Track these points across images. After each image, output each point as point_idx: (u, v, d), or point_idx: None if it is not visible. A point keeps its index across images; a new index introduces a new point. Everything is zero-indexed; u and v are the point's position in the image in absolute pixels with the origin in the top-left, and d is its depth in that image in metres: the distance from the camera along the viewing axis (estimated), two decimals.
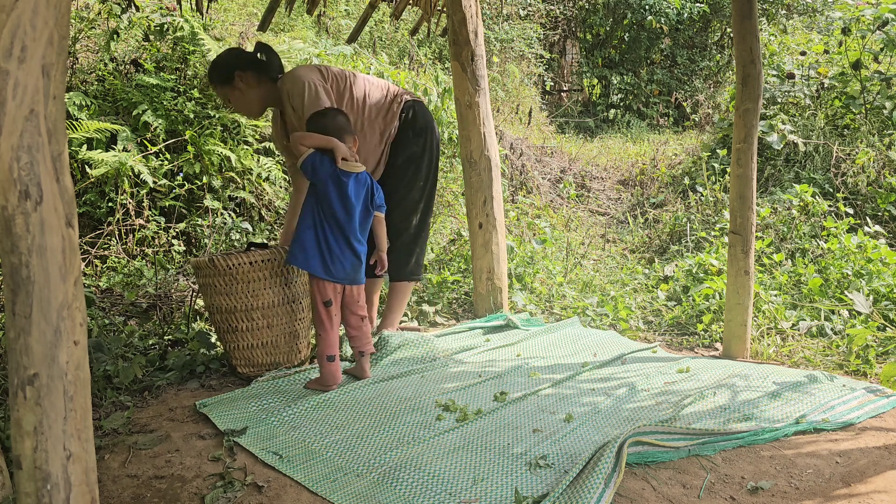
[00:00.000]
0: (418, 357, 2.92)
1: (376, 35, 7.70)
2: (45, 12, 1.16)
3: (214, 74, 2.88)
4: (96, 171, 3.95)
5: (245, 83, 2.85)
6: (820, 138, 5.20)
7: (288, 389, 2.55)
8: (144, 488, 1.87)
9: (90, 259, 3.90)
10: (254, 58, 2.88)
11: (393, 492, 1.83)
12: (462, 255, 4.26)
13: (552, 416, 2.32)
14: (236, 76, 2.84)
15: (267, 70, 2.89)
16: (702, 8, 10.15)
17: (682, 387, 2.62)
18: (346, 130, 2.59)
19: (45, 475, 1.18)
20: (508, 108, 8.11)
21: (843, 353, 3.04)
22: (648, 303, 3.87)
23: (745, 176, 2.94)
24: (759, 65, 2.90)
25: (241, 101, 2.90)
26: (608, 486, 1.78)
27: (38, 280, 1.17)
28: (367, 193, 2.60)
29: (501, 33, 8.75)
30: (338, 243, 2.52)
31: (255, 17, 6.40)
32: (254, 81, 2.86)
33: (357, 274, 2.59)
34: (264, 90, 2.89)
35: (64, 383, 1.20)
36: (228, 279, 2.61)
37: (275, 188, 4.64)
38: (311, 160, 2.50)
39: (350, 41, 5.33)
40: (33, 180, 1.16)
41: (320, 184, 2.51)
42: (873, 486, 1.90)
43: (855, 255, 3.76)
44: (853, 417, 2.32)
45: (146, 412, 2.39)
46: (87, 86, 4.52)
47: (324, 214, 2.52)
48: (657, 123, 10.12)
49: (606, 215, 6.08)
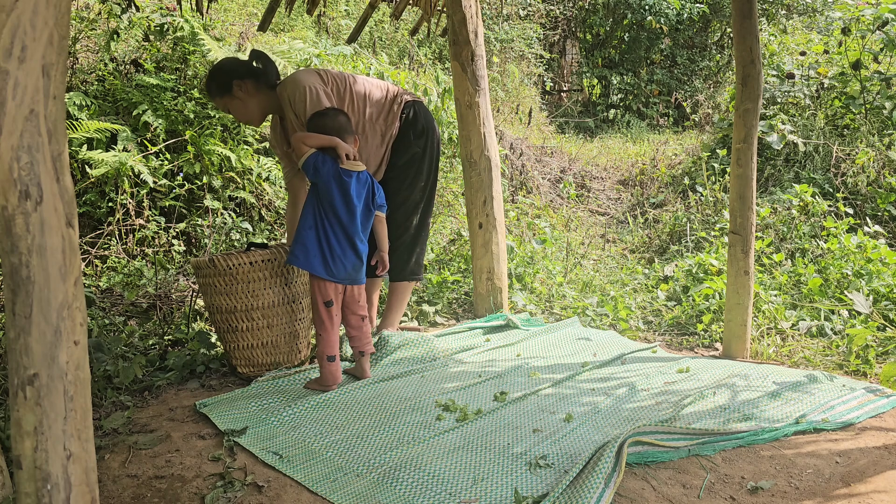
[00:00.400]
0: (418, 357, 2.92)
1: (376, 35, 7.70)
2: (45, 12, 1.16)
3: (213, 86, 2.85)
4: (96, 171, 3.95)
5: (244, 92, 2.82)
6: (820, 138, 5.20)
7: (288, 389, 2.55)
8: (144, 488, 1.87)
9: (90, 259, 3.90)
10: (251, 66, 2.86)
11: (393, 492, 1.83)
12: (462, 255, 4.26)
13: (552, 416, 2.32)
14: (235, 85, 2.81)
15: (265, 77, 2.87)
16: (702, 8, 10.15)
17: (682, 387, 2.62)
18: (346, 130, 2.59)
19: (45, 475, 1.18)
20: (508, 108, 8.11)
21: (843, 353, 3.04)
22: (648, 303, 3.87)
23: (745, 176, 2.94)
24: (759, 65, 2.90)
25: (241, 111, 2.87)
26: (608, 486, 1.78)
27: (38, 280, 1.17)
28: (368, 193, 2.60)
29: (501, 33, 8.75)
30: (339, 243, 2.52)
31: (255, 17, 6.40)
32: (253, 89, 2.83)
33: (358, 274, 2.60)
34: (264, 97, 2.87)
35: (64, 383, 1.20)
36: (228, 279, 2.61)
37: (275, 188, 4.64)
38: (313, 160, 2.50)
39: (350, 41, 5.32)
40: (33, 180, 1.16)
41: (322, 183, 2.51)
42: (873, 485, 1.90)
43: (855, 255, 3.76)
44: (853, 417, 2.32)
45: (146, 412, 2.39)
46: (87, 86, 4.52)
47: (325, 214, 2.52)
48: (657, 123, 10.12)
49: (606, 215, 6.09)
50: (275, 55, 4.92)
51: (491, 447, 2.08)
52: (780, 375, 2.70)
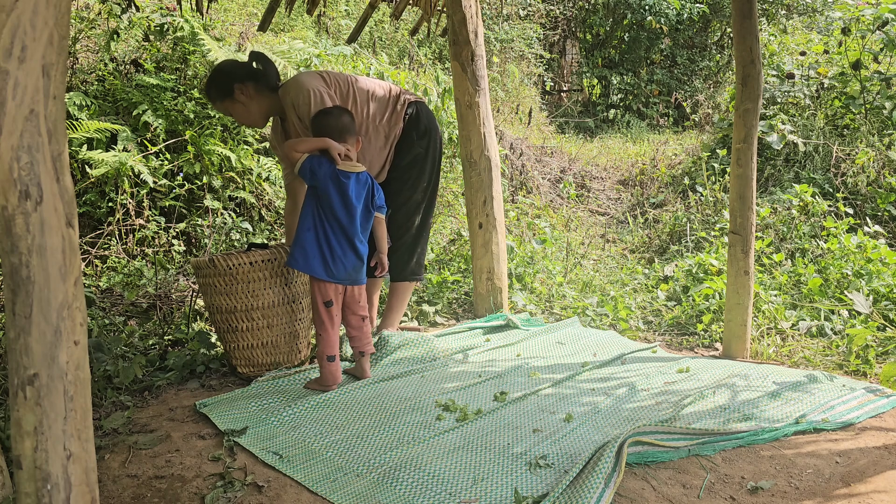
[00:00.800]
0: (418, 357, 2.92)
1: (376, 35, 7.70)
2: (45, 12, 1.16)
3: (213, 91, 2.82)
4: (96, 171, 3.95)
5: (246, 95, 2.80)
6: (820, 138, 5.20)
7: (288, 389, 2.55)
8: (144, 488, 1.87)
9: (90, 259, 3.90)
10: (250, 67, 2.84)
11: (393, 492, 1.83)
12: (462, 255, 4.26)
13: (552, 416, 2.32)
14: (236, 89, 2.78)
15: (265, 79, 2.84)
16: (702, 8, 10.15)
17: (682, 387, 2.62)
18: (348, 131, 2.59)
19: (45, 475, 1.18)
20: (508, 108, 8.11)
21: (843, 353, 3.04)
22: (648, 303, 3.87)
23: (745, 176, 2.94)
24: (759, 65, 2.90)
25: (243, 114, 2.85)
26: (608, 486, 1.78)
27: (38, 280, 1.17)
28: (367, 194, 2.59)
29: (501, 33, 8.74)
30: (340, 244, 2.52)
31: (255, 17, 6.40)
32: (254, 92, 2.81)
33: (358, 274, 2.59)
34: (265, 100, 2.84)
35: (64, 383, 1.20)
36: (228, 279, 2.61)
37: (275, 188, 4.64)
38: (308, 164, 2.50)
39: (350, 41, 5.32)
40: (33, 180, 1.16)
41: (320, 186, 2.50)
42: (873, 485, 1.90)
43: (855, 255, 3.76)
44: (853, 417, 2.32)
45: (146, 412, 2.39)
46: (87, 86, 4.52)
47: (324, 215, 2.52)
48: (657, 123, 10.12)
49: (606, 215, 6.09)
50: (275, 55, 4.92)
51: (491, 447, 2.08)
52: (780, 375, 2.70)
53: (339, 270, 2.52)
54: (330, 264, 2.50)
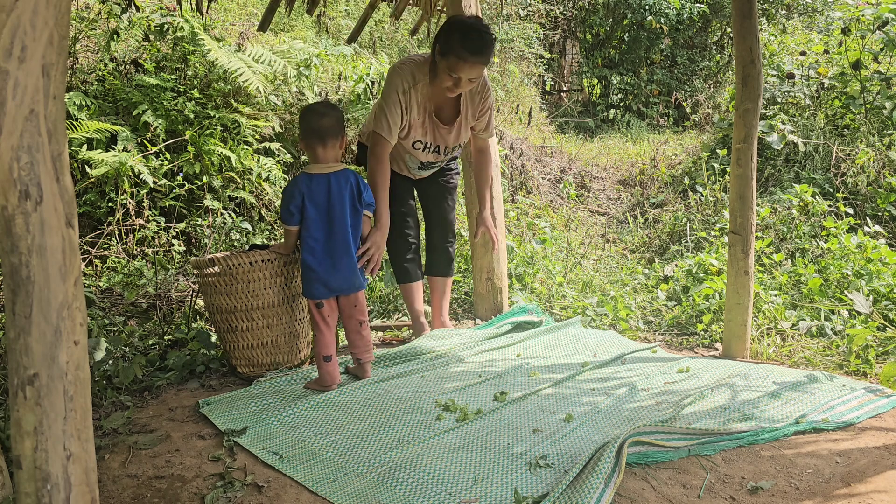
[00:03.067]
0: (418, 357, 2.92)
1: (376, 35, 7.69)
2: (45, 12, 1.16)
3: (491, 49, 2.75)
4: (96, 171, 3.95)
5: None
6: (820, 138, 5.20)
7: (288, 389, 2.55)
8: (144, 488, 1.87)
9: (90, 259, 3.90)
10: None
11: (393, 492, 1.83)
12: (462, 255, 4.26)
13: (552, 416, 2.32)
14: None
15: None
16: (702, 8, 10.15)
17: (682, 387, 2.62)
18: (330, 133, 2.52)
19: (45, 475, 1.18)
20: (508, 108, 8.11)
21: (843, 353, 3.03)
22: (648, 303, 3.87)
23: (745, 176, 2.94)
24: (759, 65, 2.89)
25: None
26: (608, 486, 1.78)
27: (38, 280, 1.17)
28: (351, 192, 2.53)
29: (501, 33, 8.74)
30: (331, 256, 2.50)
31: (255, 17, 6.40)
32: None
33: (355, 279, 2.57)
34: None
35: (64, 383, 1.20)
36: (228, 279, 2.61)
37: (275, 188, 4.63)
38: (286, 213, 2.51)
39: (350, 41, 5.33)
40: (33, 180, 1.16)
41: (302, 212, 2.50)
42: (873, 485, 1.90)
43: (855, 255, 3.76)
44: (853, 417, 2.32)
45: (146, 412, 2.39)
46: (87, 86, 4.52)
47: (311, 233, 2.50)
48: (657, 123, 10.12)
49: (606, 215, 6.08)
50: (275, 55, 4.92)
51: (491, 447, 2.08)
52: (780, 375, 2.70)
53: (335, 281, 2.52)
54: (326, 281, 2.50)
